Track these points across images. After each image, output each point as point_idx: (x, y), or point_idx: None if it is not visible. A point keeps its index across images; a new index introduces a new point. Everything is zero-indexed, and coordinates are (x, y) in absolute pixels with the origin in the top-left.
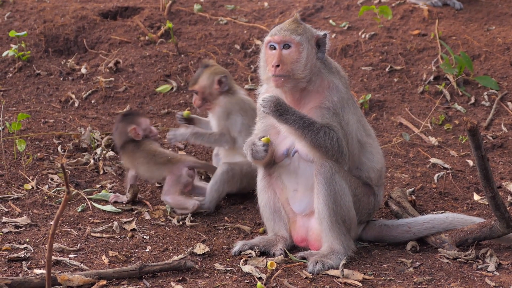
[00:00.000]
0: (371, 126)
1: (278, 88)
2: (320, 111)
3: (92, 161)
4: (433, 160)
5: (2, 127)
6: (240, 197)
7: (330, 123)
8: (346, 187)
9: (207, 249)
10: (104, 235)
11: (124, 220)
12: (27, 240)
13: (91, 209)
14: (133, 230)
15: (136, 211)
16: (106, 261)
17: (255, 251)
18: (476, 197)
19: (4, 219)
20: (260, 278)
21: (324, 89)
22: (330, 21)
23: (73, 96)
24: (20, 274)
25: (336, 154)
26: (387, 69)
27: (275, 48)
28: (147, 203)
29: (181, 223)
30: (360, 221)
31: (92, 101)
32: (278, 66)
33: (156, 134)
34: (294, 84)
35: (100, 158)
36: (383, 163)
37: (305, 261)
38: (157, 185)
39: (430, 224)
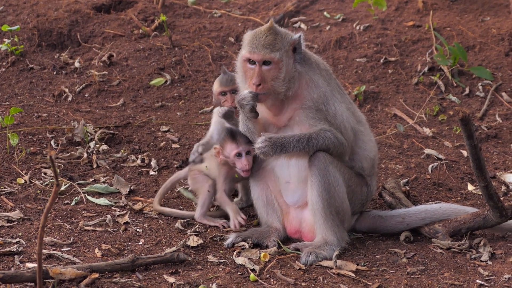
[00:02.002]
0: (366, 118)
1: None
2: (304, 111)
3: (85, 155)
4: (427, 151)
5: None
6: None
7: (321, 126)
8: (340, 178)
9: (200, 241)
10: (97, 229)
11: (117, 213)
12: (20, 234)
13: (84, 203)
14: (126, 223)
15: (128, 206)
16: (99, 254)
17: (248, 243)
18: (470, 187)
19: None
20: (253, 270)
21: (302, 89)
22: (325, 13)
23: (67, 90)
24: (12, 268)
25: (339, 148)
26: (381, 61)
27: (254, 63)
28: (140, 198)
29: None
30: (353, 212)
31: (86, 95)
32: (259, 85)
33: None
34: (275, 98)
35: (94, 152)
36: (376, 152)
37: (298, 252)
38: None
39: (423, 215)
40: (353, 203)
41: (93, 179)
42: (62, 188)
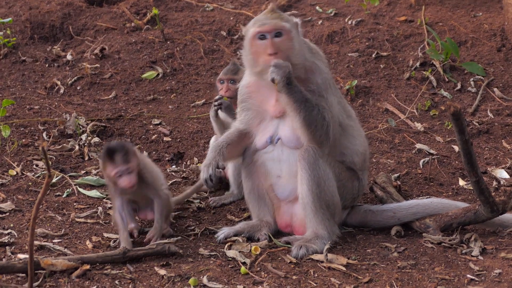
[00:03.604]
0: (357, 112)
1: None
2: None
3: (77, 147)
4: (418, 145)
5: None
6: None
7: (321, 103)
8: (330, 172)
9: (192, 234)
10: (89, 221)
11: (109, 205)
12: (11, 225)
13: (76, 195)
14: None
15: None
16: (90, 246)
17: (240, 238)
18: (461, 182)
19: None
20: (244, 263)
21: (308, 73)
22: (317, 7)
23: (59, 82)
24: (3, 259)
25: (322, 135)
26: (373, 55)
27: (264, 38)
28: None
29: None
30: (344, 206)
31: (78, 88)
32: (276, 53)
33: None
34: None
35: (85, 144)
36: (367, 146)
37: (289, 245)
38: None
39: (415, 209)
40: (344, 198)
41: (84, 171)
42: (54, 180)
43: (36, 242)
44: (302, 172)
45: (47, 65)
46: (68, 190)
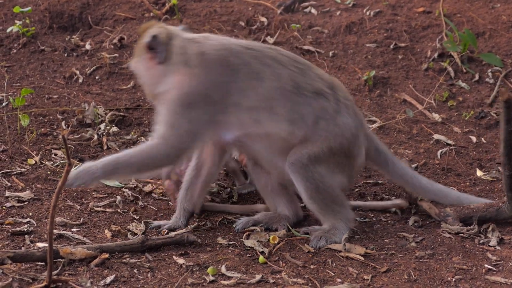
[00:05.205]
0: (375, 103)
1: None
2: (160, 106)
3: (96, 137)
4: (436, 136)
5: (6, 102)
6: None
7: (151, 141)
8: (322, 169)
9: (210, 224)
10: (107, 210)
11: (127, 194)
12: (30, 214)
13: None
14: (136, 204)
15: (138, 188)
16: (108, 235)
17: (259, 228)
18: (479, 173)
19: (7, 194)
20: (262, 252)
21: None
22: None
23: (77, 72)
24: (22, 247)
25: (176, 154)
26: (391, 46)
27: None
28: (149, 180)
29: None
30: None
31: (96, 77)
32: None
33: None
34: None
35: (104, 133)
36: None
37: (307, 235)
38: None
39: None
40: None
41: None
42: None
43: (55, 231)
44: (298, 184)
45: (65, 55)
46: None
